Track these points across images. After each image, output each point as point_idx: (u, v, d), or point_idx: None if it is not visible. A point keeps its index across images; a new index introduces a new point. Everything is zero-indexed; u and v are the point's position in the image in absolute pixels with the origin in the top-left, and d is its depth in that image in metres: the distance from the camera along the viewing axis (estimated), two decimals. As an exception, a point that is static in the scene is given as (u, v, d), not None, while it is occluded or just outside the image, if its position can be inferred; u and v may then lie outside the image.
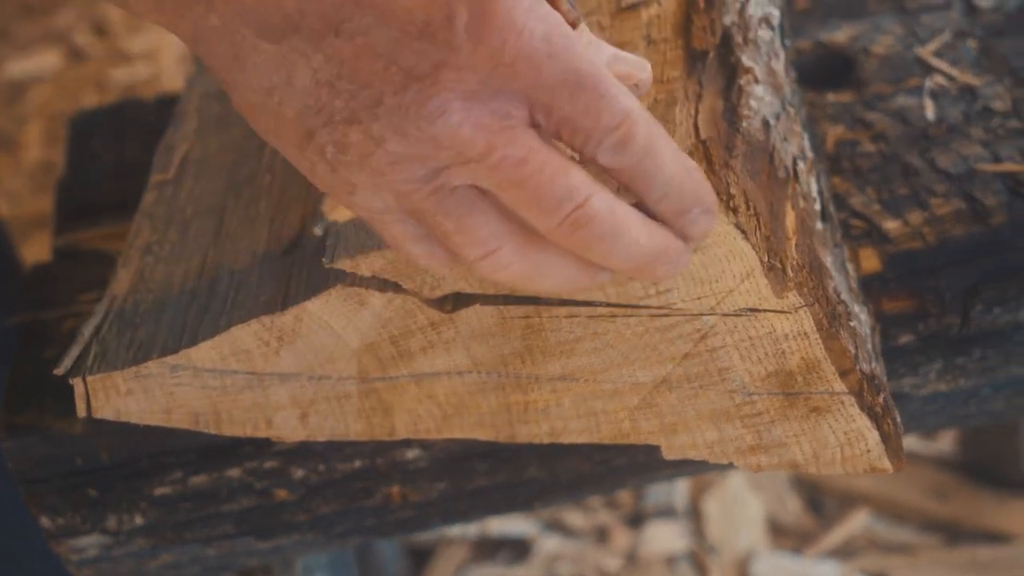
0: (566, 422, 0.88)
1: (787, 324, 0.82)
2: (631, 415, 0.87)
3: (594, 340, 0.85)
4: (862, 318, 0.92)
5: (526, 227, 0.71)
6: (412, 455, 1.04)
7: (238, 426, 0.91)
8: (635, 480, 1.12)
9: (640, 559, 1.65)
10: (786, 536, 1.66)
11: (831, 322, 0.84)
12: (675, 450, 0.88)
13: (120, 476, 1.03)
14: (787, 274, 0.83)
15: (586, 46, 0.76)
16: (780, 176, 0.89)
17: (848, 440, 0.86)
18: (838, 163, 1.10)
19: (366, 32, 0.67)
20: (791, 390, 0.85)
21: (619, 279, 0.81)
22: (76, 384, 0.90)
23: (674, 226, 0.73)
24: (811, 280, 0.85)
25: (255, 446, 1.03)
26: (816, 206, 0.93)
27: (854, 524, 1.65)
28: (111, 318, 0.94)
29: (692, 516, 1.67)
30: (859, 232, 1.05)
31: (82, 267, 1.17)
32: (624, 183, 0.71)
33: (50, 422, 1.03)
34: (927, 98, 1.14)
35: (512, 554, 1.68)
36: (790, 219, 0.88)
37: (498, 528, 1.68)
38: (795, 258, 0.84)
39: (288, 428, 0.90)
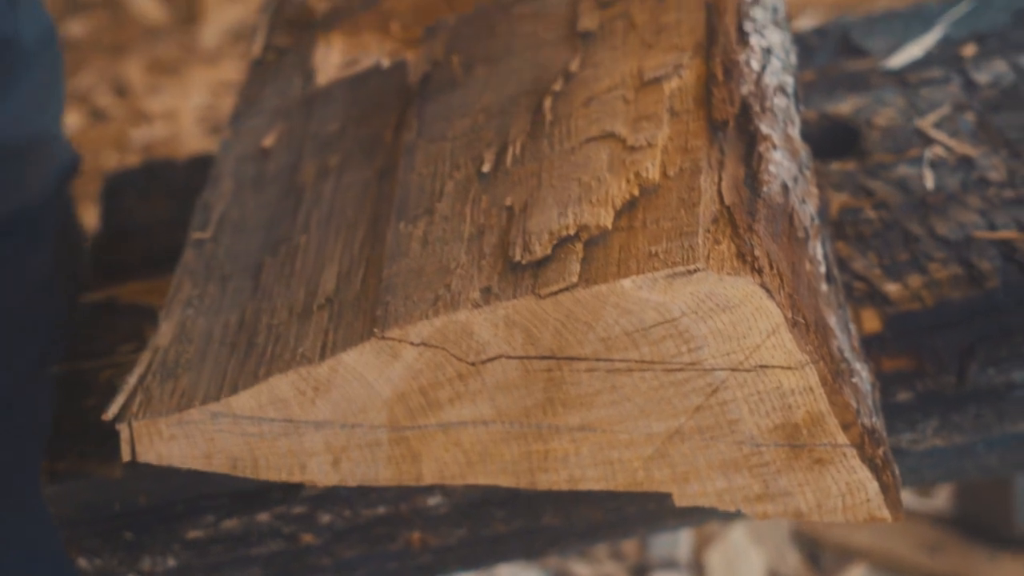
0: (584, 470, 0.90)
1: (794, 380, 0.84)
2: (645, 464, 0.89)
3: (612, 393, 0.87)
4: (863, 375, 0.93)
5: None
6: (434, 502, 1.06)
7: (274, 471, 0.93)
8: (645, 528, 1.14)
9: (644, 610, 1.67)
10: (786, 589, 1.67)
11: (835, 378, 0.86)
12: (686, 498, 0.90)
13: (156, 519, 1.05)
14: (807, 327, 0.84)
15: None
16: (799, 236, 0.91)
17: (850, 490, 0.88)
18: (842, 229, 1.12)
19: None
20: (796, 442, 0.87)
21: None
22: (122, 429, 0.92)
23: None
24: (816, 339, 0.86)
25: (284, 491, 1.05)
26: (821, 269, 0.94)
27: (852, 578, 1.67)
28: (154, 367, 0.96)
29: (695, 568, 1.69)
30: (861, 294, 1.07)
31: (118, 320, 1.20)
32: None
33: (91, 468, 1.05)
34: (927, 168, 1.17)
35: (520, 603, 1.69)
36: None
37: (507, 577, 1.70)
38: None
39: (321, 473, 0.92)
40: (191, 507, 1.05)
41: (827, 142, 1.20)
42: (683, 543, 1.70)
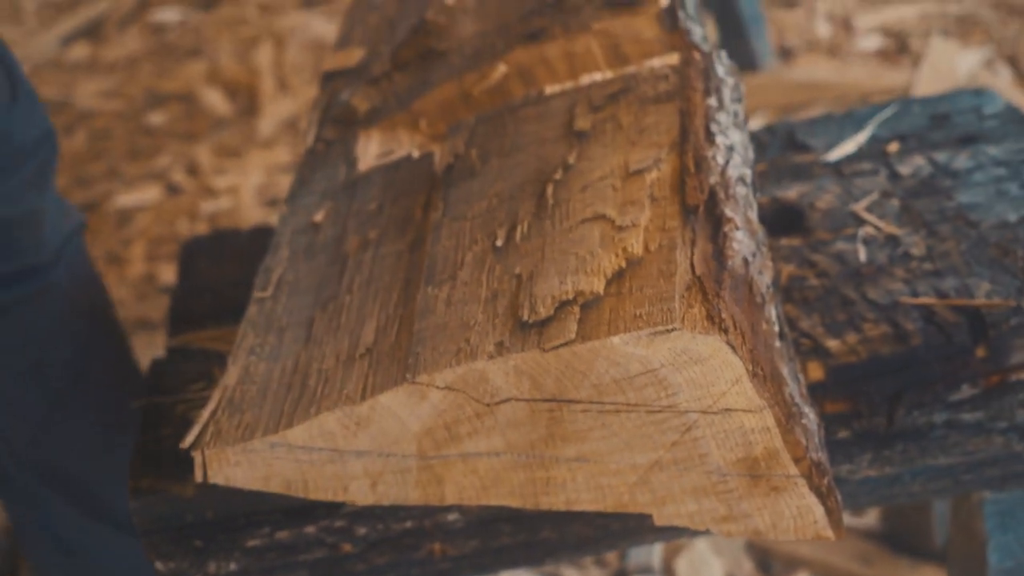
0: (579, 494, 0.90)
1: (753, 421, 0.84)
2: (630, 490, 0.89)
3: (603, 430, 0.87)
4: (811, 417, 0.93)
5: None
6: (452, 518, 1.06)
7: (321, 492, 0.92)
8: (627, 542, 1.13)
9: (623, 608, 1.66)
10: (741, 592, 1.66)
11: (787, 420, 0.86)
12: (664, 518, 0.90)
13: (221, 530, 1.05)
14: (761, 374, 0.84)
15: None
16: (758, 301, 0.91)
17: (800, 513, 0.87)
18: (790, 294, 1.13)
19: None
20: (756, 473, 0.86)
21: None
22: (196, 456, 0.92)
23: None
24: (772, 387, 0.86)
25: (328, 509, 1.05)
26: (776, 328, 0.95)
27: (796, 583, 1.66)
28: (223, 404, 0.96)
29: (666, 574, 1.68)
30: (807, 348, 1.07)
31: (190, 363, 1.20)
32: None
33: (167, 486, 1.05)
34: (860, 244, 1.17)
35: (521, 601, 1.68)
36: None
37: (510, 580, 1.68)
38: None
39: (361, 494, 0.92)
40: (250, 521, 1.05)
41: (777, 222, 1.21)
42: (657, 552, 1.69)
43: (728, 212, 0.93)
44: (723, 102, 1.05)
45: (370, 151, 1.17)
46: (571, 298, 0.86)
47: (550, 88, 1.10)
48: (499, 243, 0.94)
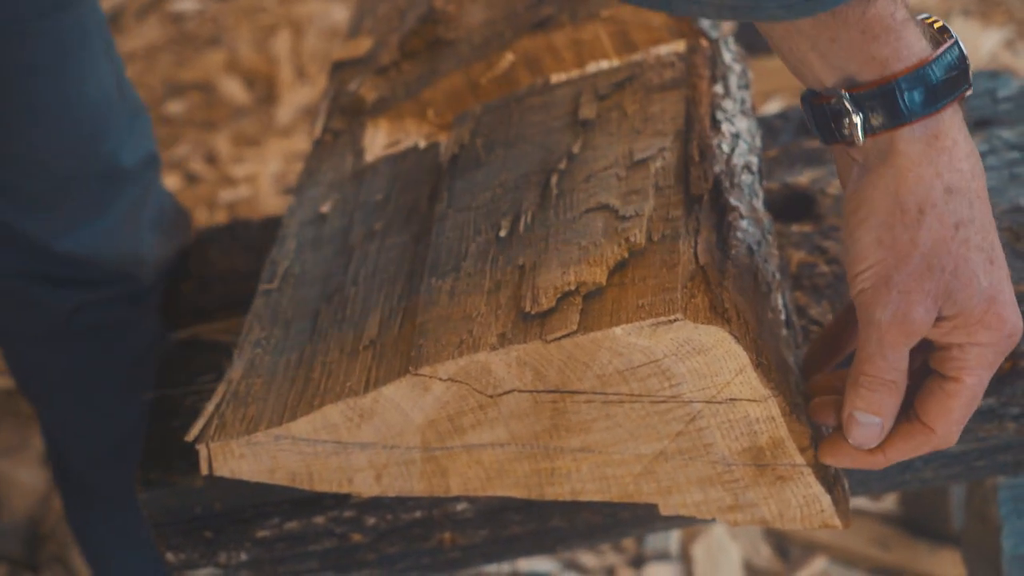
0: (584, 484, 0.90)
1: (758, 410, 0.84)
2: (635, 480, 0.89)
3: (607, 420, 0.86)
4: None
5: None
6: (461, 507, 1.06)
7: (326, 483, 0.93)
8: (637, 530, 1.13)
9: (640, 594, 1.66)
10: (759, 577, 1.66)
11: (793, 409, 0.85)
12: (669, 508, 0.90)
13: (230, 521, 1.05)
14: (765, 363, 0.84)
15: None
16: (763, 290, 0.91)
17: (806, 502, 0.87)
18: (799, 281, 1.12)
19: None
20: (761, 462, 0.86)
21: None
22: (201, 449, 0.93)
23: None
24: (777, 376, 0.86)
25: (336, 499, 1.05)
26: (782, 316, 0.94)
27: (814, 568, 1.65)
28: (228, 397, 0.96)
29: (683, 560, 1.68)
30: (817, 336, 1.06)
31: (200, 354, 1.20)
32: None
33: (176, 478, 1.05)
34: None
35: (537, 588, 1.68)
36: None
37: (526, 567, 1.69)
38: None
39: (365, 486, 0.92)
40: (259, 511, 1.05)
41: (788, 208, 1.20)
42: (674, 538, 1.69)
43: (733, 201, 0.92)
44: (730, 89, 1.04)
45: (377, 141, 1.16)
46: (573, 289, 0.85)
47: (556, 77, 1.10)
48: (503, 234, 0.94)
